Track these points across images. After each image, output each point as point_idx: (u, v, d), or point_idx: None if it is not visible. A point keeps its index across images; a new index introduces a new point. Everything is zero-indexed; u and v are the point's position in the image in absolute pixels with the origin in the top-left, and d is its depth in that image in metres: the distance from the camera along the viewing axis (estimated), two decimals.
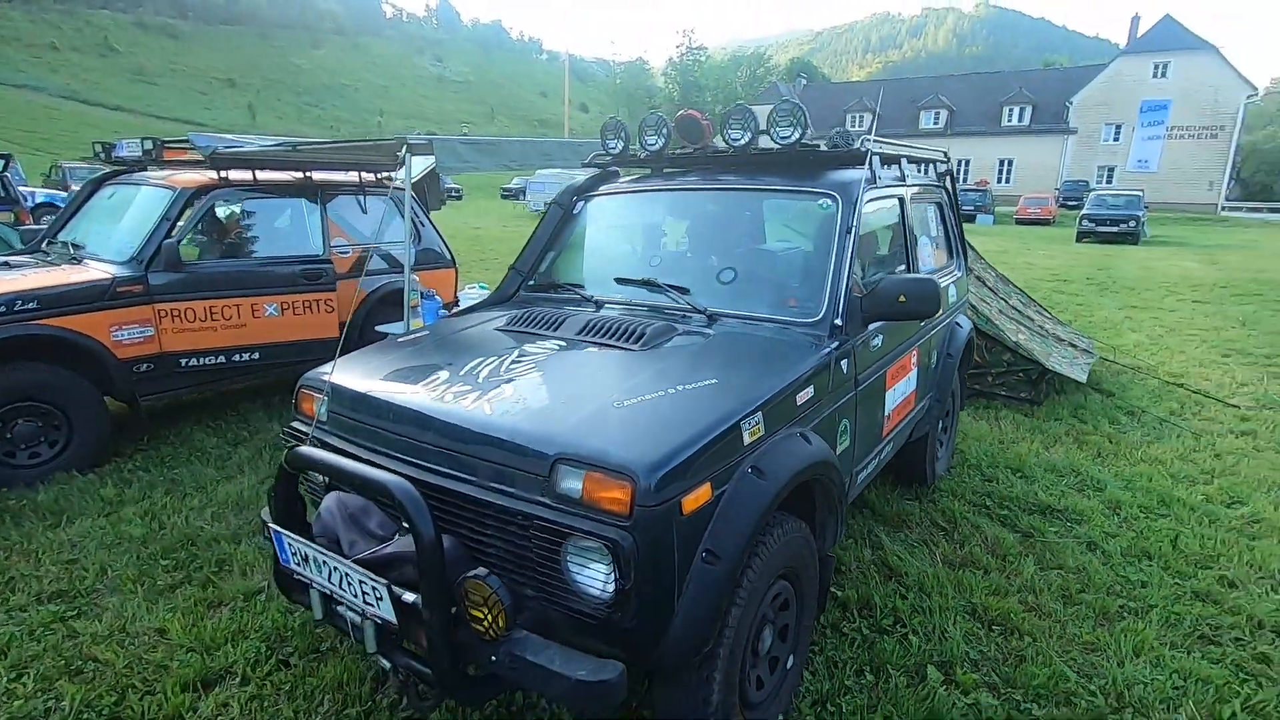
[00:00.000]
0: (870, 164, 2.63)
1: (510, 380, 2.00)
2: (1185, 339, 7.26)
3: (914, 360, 3.00)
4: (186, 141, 4.37)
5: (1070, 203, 31.83)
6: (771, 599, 1.94)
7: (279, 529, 1.87)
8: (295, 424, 2.30)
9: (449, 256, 5.82)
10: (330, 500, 1.96)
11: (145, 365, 4.07)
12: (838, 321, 2.30)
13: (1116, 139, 38.53)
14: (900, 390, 2.85)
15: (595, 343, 2.23)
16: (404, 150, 3.04)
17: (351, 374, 2.20)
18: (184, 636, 2.47)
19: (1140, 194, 21.85)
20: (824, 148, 2.74)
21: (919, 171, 3.46)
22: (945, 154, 3.72)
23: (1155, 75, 37.32)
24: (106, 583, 2.82)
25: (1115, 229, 19.86)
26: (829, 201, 2.55)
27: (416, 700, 1.91)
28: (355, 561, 1.71)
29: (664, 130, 2.94)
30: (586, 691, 1.50)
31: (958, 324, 3.66)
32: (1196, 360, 6.36)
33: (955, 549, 3.07)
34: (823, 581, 2.19)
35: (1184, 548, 3.07)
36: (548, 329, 2.39)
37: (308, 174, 4.83)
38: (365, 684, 2.23)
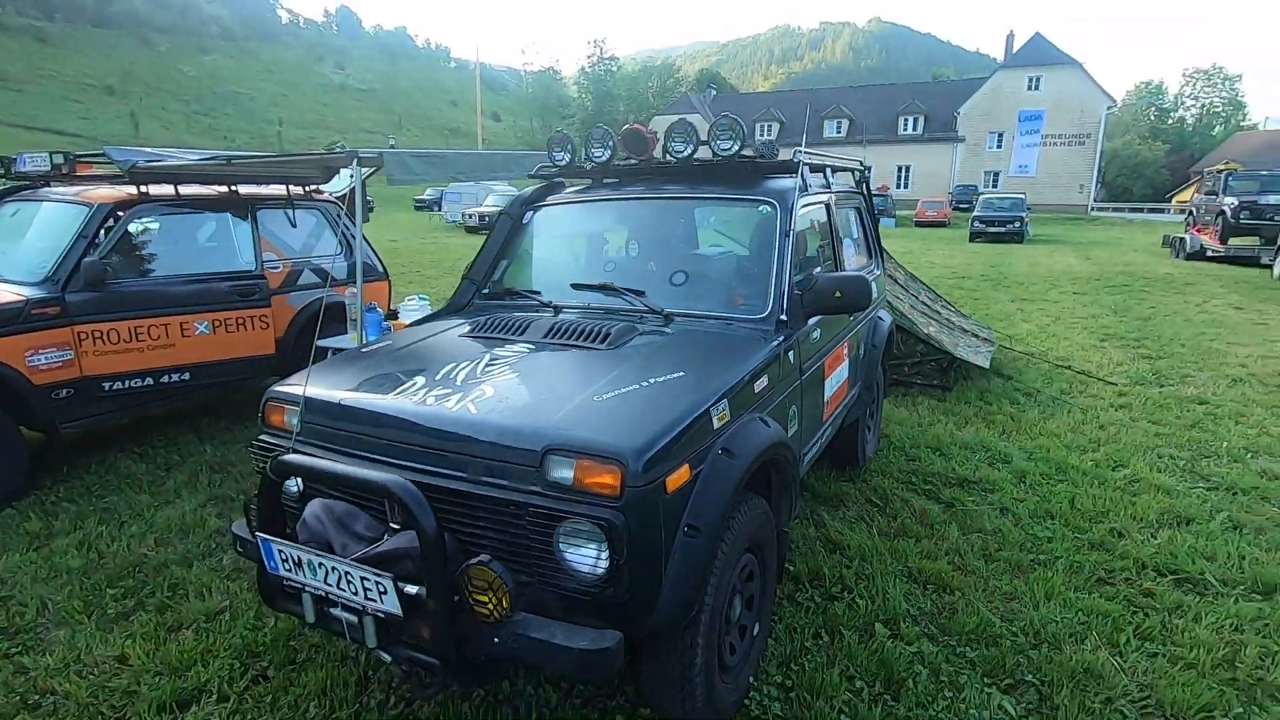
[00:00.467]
0: (801, 173, 2.89)
1: (489, 381, 2.10)
2: (1069, 327, 8.05)
3: (846, 351, 3.29)
4: (102, 155, 4.17)
5: (962, 206, 34.20)
6: (740, 570, 2.13)
7: (267, 537, 1.90)
8: (263, 437, 2.31)
9: (382, 269, 5.77)
10: (315, 507, 2.00)
11: (65, 391, 3.86)
12: (783, 317, 2.53)
13: (999, 146, 41.69)
14: (836, 378, 3.13)
15: (563, 344, 2.36)
16: (355, 163, 3.06)
17: (326, 385, 2.24)
18: (148, 661, 2.42)
19: (1023, 197, 23.80)
20: (754, 158, 2.98)
21: (839, 180, 3.78)
22: (862, 163, 4.06)
23: (1030, 88, 40.65)
24: (50, 616, 2.70)
25: (1003, 229, 21.55)
26: (768, 208, 2.78)
27: (420, 690, 1.98)
28: (354, 560, 1.77)
29: (609, 143, 3.11)
30: (590, 660, 1.63)
31: (880, 318, 4.00)
32: (1079, 345, 7.09)
33: (889, 522, 3.37)
34: (780, 555, 2.39)
35: (1080, 507, 3.49)
36: (514, 333, 2.50)
37: (233, 188, 4.71)
38: (350, 688, 2.27)
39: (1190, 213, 17.35)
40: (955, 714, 2.13)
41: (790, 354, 2.53)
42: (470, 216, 25.78)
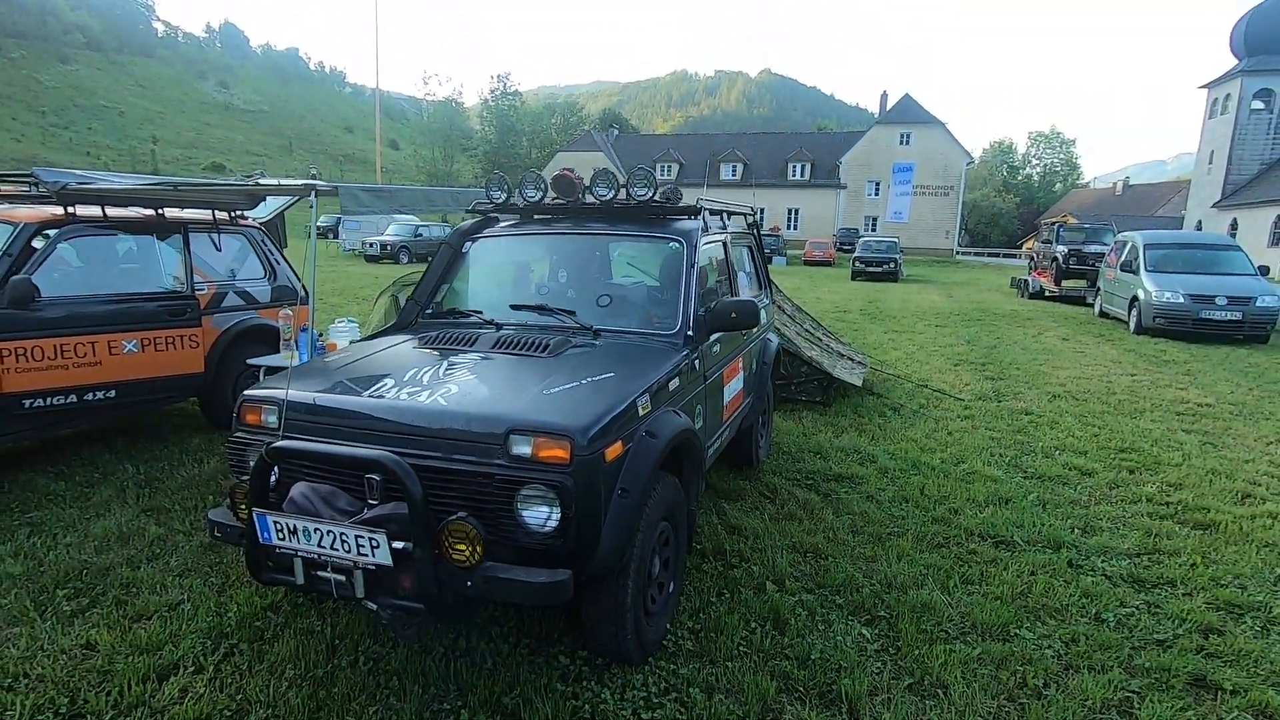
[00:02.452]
0: (703, 217, 3.53)
1: (451, 381, 2.53)
2: (930, 353, 9.24)
3: (741, 365, 3.92)
4: (30, 176, 4.21)
5: (845, 247, 37.05)
6: (659, 534, 2.64)
7: (263, 511, 2.23)
8: (238, 434, 2.62)
9: (303, 293, 5.95)
10: (301, 488, 2.33)
11: None
12: (690, 332, 3.11)
13: (876, 194, 45.60)
14: (734, 386, 3.74)
15: (509, 354, 2.81)
16: (313, 194, 3.38)
17: (301, 388, 2.58)
18: (118, 645, 2.61)
19: (897, 241, 26.28)
20: (663, 203, 3.58)
21: (734, 222, 4.46)
22: (753, 209, 4.79)
23: (901, 143, 44.89)
24: (1, 616, 2.80)
25: (880, 270, 23.70)
26: (676, 244, 3.38)
27: (402, 631, 2.34)
28: (349, 523, 2.14)
29: (541, 185, 3.62)
30: (549, 590, 2.09)
31: (769, 339, 4.69)
32: (937, 368, 8.20)
33: (778, 509, 3.99)
34: (690, 527, 2.92)
35: (928, 493, 4.26)
36: (465, 345, 2.93)
37: (160, 211, 4.82)
38: (320, 654, 2.57)
39: (1032, 258, 19.88)
40: (826, 640, 2.71)
41: (696, 362, 3.10)
42: (371, 245, 25.39)
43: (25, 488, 4.08)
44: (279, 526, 2.22)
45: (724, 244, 3.92)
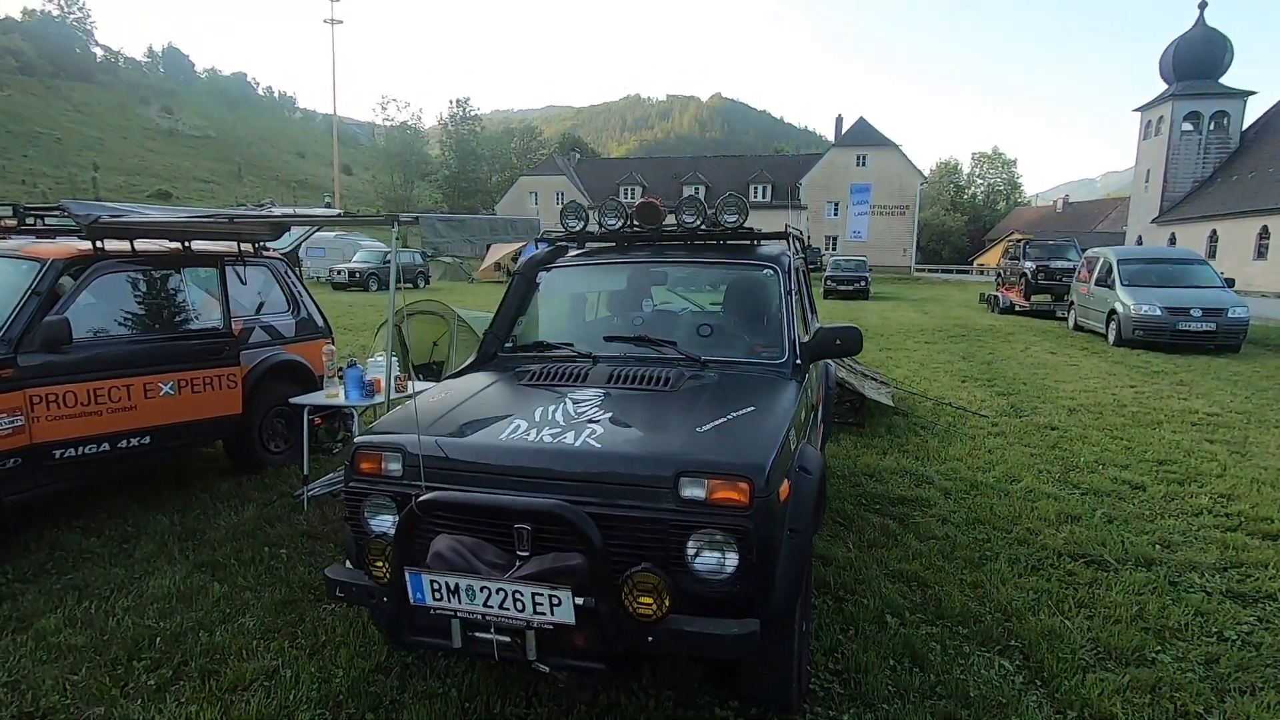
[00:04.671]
0: (789, 241, 3.48)
1: (590, 421, 2.40)
2: (933, 371, 9.38)
3: (821, 390, 3.87)
4: (59, 208, 3.92)
5: (811, 266, 37.75)
6: None
7: (416, 569, 2.05)
8: (355, 485, 2.43)
9: (326, 326, 5.71)
10: (446, 542, 2.17)
11: (11, 461, 3.55)
12: (798, 361, 3.04)
13: (836, 214, 46.73)
14: (821, 411, 3.68)
15: (631, 389, 2.69)
16: (396, 226, 3.21)
17: (433, 432, 2.40)
18: None
19: (865, 259, 26.87)
20: (751, 229, 3.53)
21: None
22: (800, 232, 4.78)
23: (858, 165, 46.22)
24: (76, 696, 2.53)
25: (851, 288, 24.18)
26: (770, 271, 3.33)
27: (578, 692, 2.17)
28: (521, 578, 1.98)
29: (623, 213, 3.53)
30: (741, 642, 1.96)
31: (828, 363, 4.66)
32: (947, 386, 8.32)
33: (859, 537, 3.93)
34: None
35: (998, 513, 4.26)
36: (575, 381, 2.79)
37: (187, 244, 4.56)
38: (455, 718, 2.38)
39: (999, 274, 20.54)
40: (971, 675, 2.64)
41: (807, 391, 3.03)
42: (339, 273, 24.79)
43: (55, 546, 3.75)
44: (435, 586, 2.05)
45: (798, 270, 3.89)
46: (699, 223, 3.41)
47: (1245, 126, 36.05)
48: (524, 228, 4.16)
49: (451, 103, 64.30)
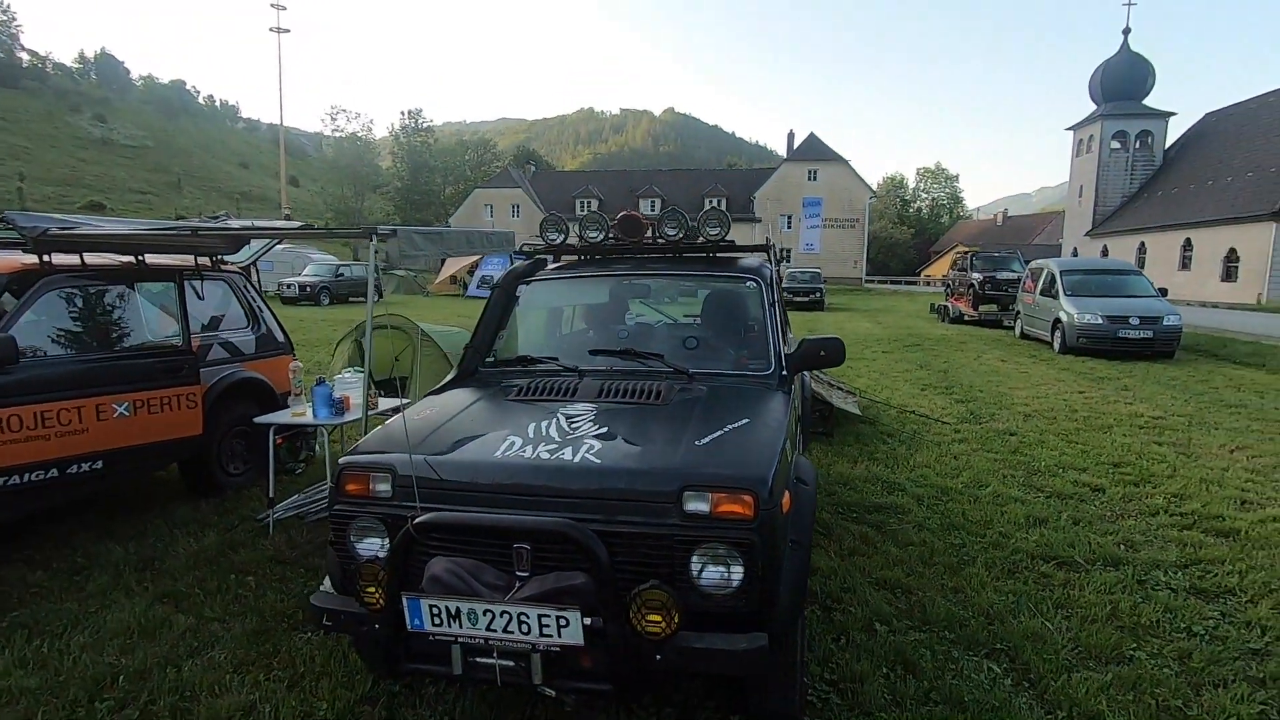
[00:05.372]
0: (769, 253, 3.52)
1: (585, 436, 2.36)
2: (894, 380, 9.60)
3: (801, 400, 3.90)
4: (2, 220, 3.68)
5: None
6: None
7: (414, 594, 1.98)
8: (340, 507, 2.33)
9: (287, 342, 5.51)
10: (443, 564, 2.10)
11: None
12: (784, 373, 3.07)
13: (790, 227, 47.64)
14: (803, 420, 3.71)
15: (622, 403, 2.66)
16: (373, 239, 3.10)
17: (423, 450, 2.33)
18: None
19: (819, 271, 27.45)
20: (732, 243, 3.55)
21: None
22: (774, 244, 4.84)
23: (809, 179, 47.29)
24: None
25: (807, 299, 24.66)
26: (753, 284, 3.35)
27: (586, 715, 2.11)
28: (525, 599, 1.93)
29: (605, 226, 3.52)
30: (751, 658, 1.95)
31: (804, 374, 4.71)
32: (908, 394, 8.53)
33: (839, 545, 3.97)
34: None
35: (970, 518, 4.36)
36: (564, 396, 2.75)
37: (141, 258, 4.35)
38: None
39: (948, 285, 21.22)
40: (962, 680, 2.68)
41: (794, 402, 3.05)
42: (289, 287, 24.06)
43: None
44: (435, 611, 1.98)
45: (776, 281, 3.93)
46: (680, 235, 3.42)
47: (1168, 145, 38.26)
48: (499, 240, 4.10)
49: (403, 114, 63.36)
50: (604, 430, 2.41)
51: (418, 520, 2.05)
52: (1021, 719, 2.44)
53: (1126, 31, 38.59)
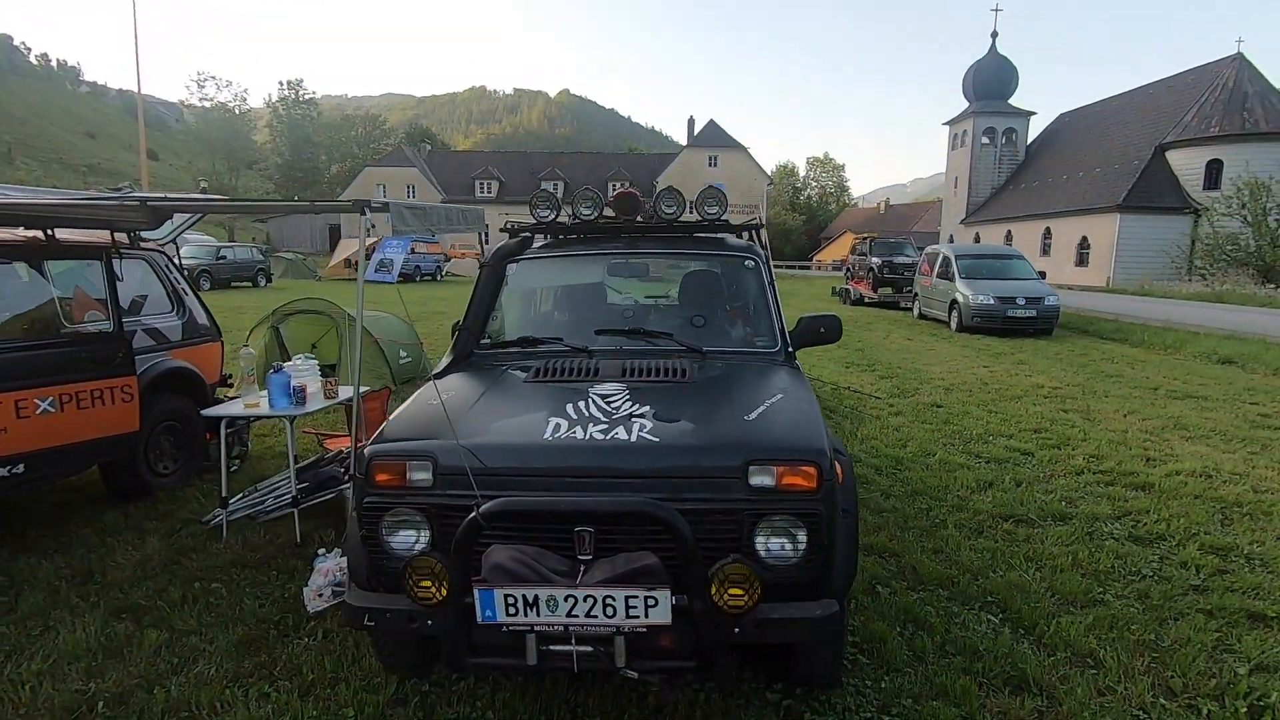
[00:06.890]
0: (756, 232, 3.57)
1: (632, 415, 2.31)
2: (819, 359, 10.01)
3: None
4: None
5: None
6: None
7: (487, 585, 1.88)
8: (371, 500, 2.18)
9: (215, 328, 5.04)
10: (504, 553, 2.00)
11: None
12: (790, 349, 3.14)
13: (692, 212, 48.40)
14: None
15: (653, 382, 2.62)
16: (365, 212, 2.85)
17: (467, 436, 2.19)
18: None
19: None
20: (727, 222, 3.57)
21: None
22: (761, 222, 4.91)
23: (710, 165, 48.24)
24: None
25: None
26: (752, 261, 3.39)
27: (667, 695, 2.08)
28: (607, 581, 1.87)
29: (599, 204, 3.43)
30: (827, 625, 2.00)
31: None
32: (836, 372, 8.95)
33: None
34: None
35: (928, 485, 4.66)
36: (586, 376, 2.68)
37: (50, 232, 3.81)
38: None
39: (848, 269, 22.37)
40: (969, 631, 2.87)
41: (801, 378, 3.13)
42: None
43: None
44: (510, 600, 1.89)
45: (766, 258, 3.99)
46: (677, 212, 3.40)
47: (1029, 141, 41.97)
48: (472, 218, 3.91)
49: (282, 84, 58.73)
50: (648, 409, 2.37)
51: (484, 508, 1.94)
52: (1031, 662, 2.65)
53: (994, 35, 41.89)
